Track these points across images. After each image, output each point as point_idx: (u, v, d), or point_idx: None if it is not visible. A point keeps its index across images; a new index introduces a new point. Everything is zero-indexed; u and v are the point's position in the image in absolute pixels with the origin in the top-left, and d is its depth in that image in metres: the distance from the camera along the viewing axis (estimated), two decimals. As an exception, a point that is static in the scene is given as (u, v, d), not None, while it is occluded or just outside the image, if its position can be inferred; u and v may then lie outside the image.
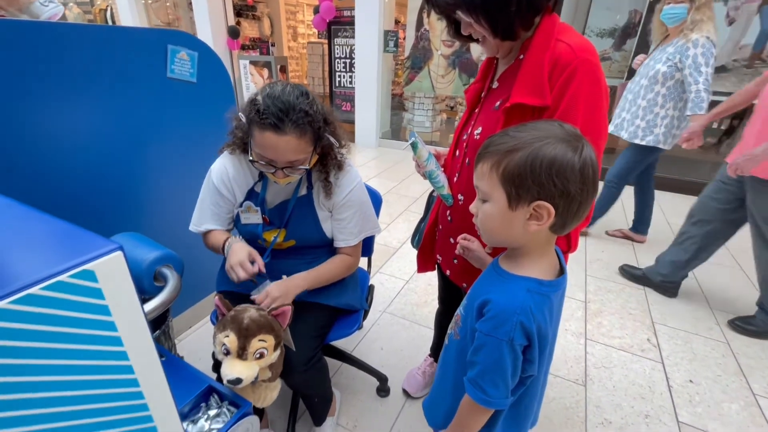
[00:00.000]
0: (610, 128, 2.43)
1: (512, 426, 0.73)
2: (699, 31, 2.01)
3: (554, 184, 0.55)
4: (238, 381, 0.80)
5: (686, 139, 2.08)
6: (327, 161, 1.04)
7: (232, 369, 0.81)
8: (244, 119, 0.94)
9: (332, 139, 0.99)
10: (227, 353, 0.84)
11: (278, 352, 0.90)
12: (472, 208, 0.67)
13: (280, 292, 0.99)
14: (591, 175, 0.56)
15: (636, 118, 2.27)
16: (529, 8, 0.73)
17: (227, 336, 0.84)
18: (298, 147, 0.91)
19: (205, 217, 1.10)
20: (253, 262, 0.99)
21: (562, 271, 0.67)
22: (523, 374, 0.65)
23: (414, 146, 0.89)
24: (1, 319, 0.35)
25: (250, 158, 0.96)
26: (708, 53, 1.99)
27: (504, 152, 0.58)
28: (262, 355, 0.85)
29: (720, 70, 3.36)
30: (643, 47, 3.63)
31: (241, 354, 0.83)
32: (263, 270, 1.00)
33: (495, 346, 0.61)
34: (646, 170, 2.50)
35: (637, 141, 2.29)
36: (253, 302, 1.00)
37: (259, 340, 0.84)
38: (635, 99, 2.29)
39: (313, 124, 0.92)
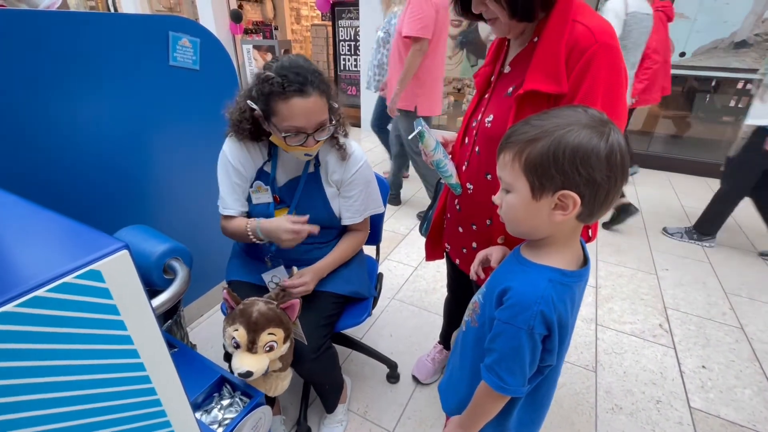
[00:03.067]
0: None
1: (529, 413, 0.73)
2: (400, 3, 2.43)
3: (578, 172, 0.53)
4: (249, 374, 0.81)
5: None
6: (336, 127, 1.06)
7: (242, 362, 0.82)
8: (254, 105, 0.94)
9: (335, 105, 1.02)
10: (237, 347, 0.84)
11: (288, 344, 0.90)
12: (496, 199, 0.65)
13: (311, 276, 1.07)
14: (619, 161, 0.54)
15: (370, 71, 2.88)
16: None
17: (236, 330, 0.84)
18: (324, 106, 0.96)
19: (229, 199, 1.08)
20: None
21: (585, 262, 0.66)
22: (541, 363, 0.64)
23: (421, 135, 0.85)
24: (9, 323, 0.35)
25: (280, 136, 0.94)
26: None
27: (526, 141, 0.56)
28: (271, 348, 0.85)
29: (741, 45, 3.23)
30: (660, 23, 3.48)
31: (251, 347, 0.84)
32: (307, 226, 0.99)
33: (513, 334, 0.60)
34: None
35: (372, 91, 2.94)
36: (263, 292, 1.01)
37: (269, 334, 0.85)
38: (372, 58, 2.87)
39: (328, 87, 0.97)
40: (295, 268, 1.10)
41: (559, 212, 0.57)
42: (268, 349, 0.85)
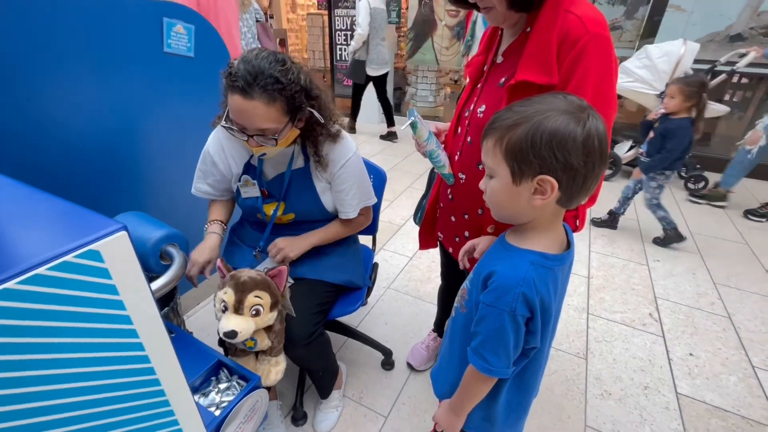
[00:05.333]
0: None
1: (517, 395, 0.75)
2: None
3: (555, 157, 0.55)
4: (234, 334, 0.83)
5: None
6: (314, 136, 1.03)
7: (228, 322, 0.85)
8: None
9: (316, 114, 0.96)
10: (225, 309, 0.87)
11: (275, 313, 0.92)
12: (481, 184, 0.67)
13: (285, 243, 1.07)
14: (596, 146, 0.55)
15: None
16: None
17: (225, 292, 0.87)
18: (266, 114, 0.88)
19: (201, 182, 1.14)
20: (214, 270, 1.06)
21: (569, 246, 0.67)
22: (525, 345, 0.66)
23: (413, 126, 0.85)
24: (10, 299, 0.36)
25: (223, 124, 0.94)
26: None
27: (507, 127, 0.58)
28: (258, 312, 0.88)
29: (736, 38, 3.23)
30: (658, 14, 3.48)
31: (238, 308, 0.86)
32: (208, 277, 1.07)
33: (497, 317, 0.62)
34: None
35: None
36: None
37: (255, 296, 0.87)
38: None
39: (284, 92, 0.87)
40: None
41: (539, 197, 0.58)
42: (254, 312, 0.87)
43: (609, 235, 2.46)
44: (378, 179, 1.35)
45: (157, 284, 0.74)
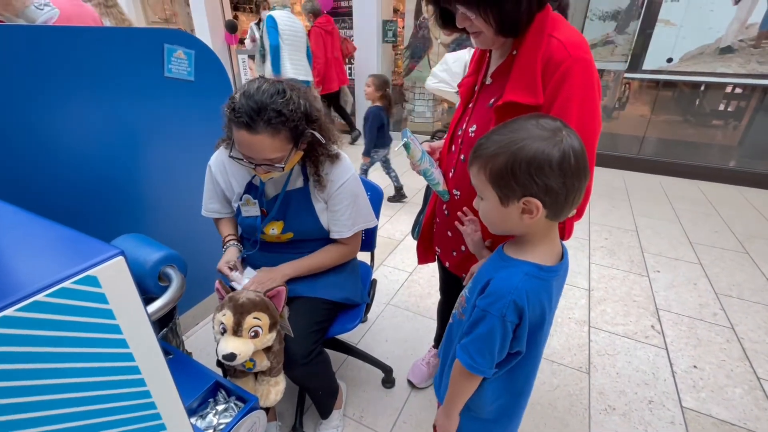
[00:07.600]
0: None
1: (507, 399, 0.77)
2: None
3: (535, 183, 0.58)
4: (233, 356, 0.83)
5: None
6: (315, 156, 1.05)
7: (227, 345, 0.85)
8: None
9: (318, 135, 0.99)
10: (224, 332, 0.87)
11: (274, 334, 0.92)
12: (475, 204, 0.71)
13: (266, 277, 1.06)
14: (573, 165, 0.58)
15: None
16: (540, 4, 0.72)
17: (224, 315, 0.88)
18: (272, 146, 0.91)
19: (210, 203, 1.17)
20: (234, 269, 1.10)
21: (563, 257, 0.70)
22: (510, 350, 0.69)
23: (407, 147, 0.87)
24: (10, 326, 0.36)
25: (230, 154, 0.97)
26: None
27: (488, 156, 0.62)
28: (257, 334, 0.88)
29: (726, 50, 3.30)
30: (649, 29, 3.56)
31: (237, 330, 0.87)
32: (235, 280, 1.07)
33: (488, 321, 0.66)
34: None
35: None
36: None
37: (254, 318, 0.88)
38: None
39: (288, 123, 0.91)
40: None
41: (527, 216, 0.62)
42: (253, 334, 0.87)
43: (609, 246, 2.46)
44: (375, 196, 1.36)
45: (155, 306, 0.74)
